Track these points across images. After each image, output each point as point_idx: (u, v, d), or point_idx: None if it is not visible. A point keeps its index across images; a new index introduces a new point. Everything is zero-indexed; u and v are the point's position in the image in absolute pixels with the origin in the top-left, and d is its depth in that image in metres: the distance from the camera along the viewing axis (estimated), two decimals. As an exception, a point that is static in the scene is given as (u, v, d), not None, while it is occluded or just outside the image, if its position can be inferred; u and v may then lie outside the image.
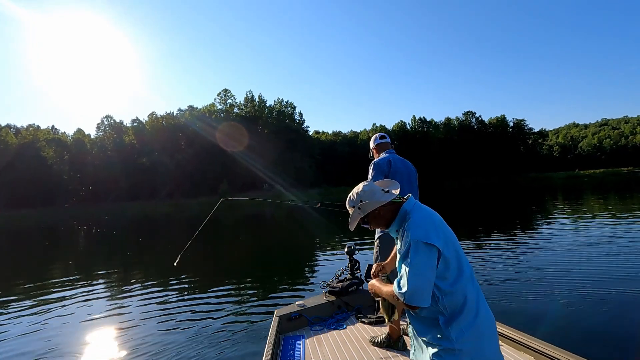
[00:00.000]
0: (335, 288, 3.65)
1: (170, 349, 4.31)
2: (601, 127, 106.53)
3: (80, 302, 6.73)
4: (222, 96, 75.33)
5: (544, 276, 6.35)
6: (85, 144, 71.88)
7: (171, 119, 73.62)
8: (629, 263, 6.80)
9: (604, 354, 3.59)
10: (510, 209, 20.46)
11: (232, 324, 5.04)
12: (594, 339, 3.96)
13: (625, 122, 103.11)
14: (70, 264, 11.70)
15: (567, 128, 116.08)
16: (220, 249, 13.30)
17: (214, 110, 73.60)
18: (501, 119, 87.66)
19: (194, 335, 4.68)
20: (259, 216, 30.33)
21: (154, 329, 5.06)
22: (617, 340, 3.90)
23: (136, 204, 58.62)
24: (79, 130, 75.95)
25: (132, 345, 4.54)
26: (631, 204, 18.32)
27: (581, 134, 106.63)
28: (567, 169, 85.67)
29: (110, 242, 17.97)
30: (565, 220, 13.72)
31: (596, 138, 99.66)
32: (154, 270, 9.73)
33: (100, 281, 8.66)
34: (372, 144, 3.32)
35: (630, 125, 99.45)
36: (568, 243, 9.13)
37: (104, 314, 5.96)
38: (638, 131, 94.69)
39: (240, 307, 5.78)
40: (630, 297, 5.10)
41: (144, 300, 6.54)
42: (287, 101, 76.56)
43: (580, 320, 4.42)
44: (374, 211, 1.54)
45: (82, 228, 26.55)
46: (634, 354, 3.63)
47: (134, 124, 74.12)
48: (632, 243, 8.49)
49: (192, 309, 5.85)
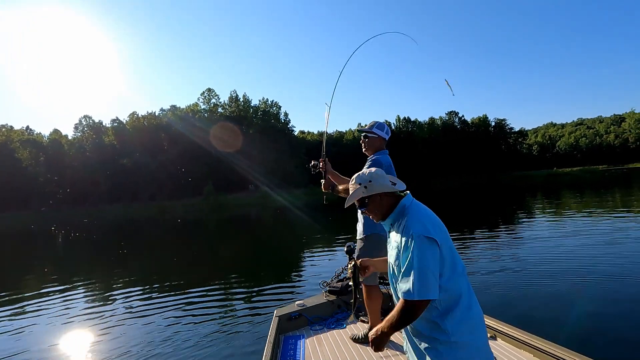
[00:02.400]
0: (335, 287, 3.65)
1: (171, 349, 4.31)
2: (577, 127, 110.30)
3: (61, 312, 6.39)
4: (205, 96, 74.15)
5: (538, 272, 6.45)
6: (63, 145, 69.47)
7: (153, 118, 71.96)
8: (619, 256, 7.02)
9: (602, 351, 3.60)
10: (498, 207, 20.83)
11: (232, 324, 5.04)
12: (588, 333, 4.01)
13: (600, 122, 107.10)
14: (46, 272, 11.13)
15: (545, 127, 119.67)
16: (216, 250, 13.21)
17: (198, 110, 72.32)
18: (483, 119, 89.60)
19: (194, 335, 4.69)
20: (246, 217, 29.94)
21: (154, 330, 5.02)
22: (610, 335, 3.97)
23: (117, 207, 57.06)
24: (55, 131, 73.35)
25: (132, 346, 4.50)
26: (610, 201, 18.93)
27: (558, 133, 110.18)
28: (546, 167, 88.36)
29: (90, 246, 17.29)
30: (557, 217, 14.03)
31: (573, 137, 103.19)
32: (144, 272, 9.53)
33: (85, 288, 8.32)
34: (382, 133, 2.94)
35: (604, 124, 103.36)
36: (562, 241, 9.34)
37: (97, 320, 5.74)
38: (611, 130, 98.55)
39: (240, 307, 5.81)
40: (622, 290, 5.23)
41: (141, 302, 6.44)
42: (272, 101, 76.09)
43: (571, 316, 4.50)
44: (376, 196, 1.56)
45: (59, 232, 25.52)
46: (626, 348, 3.68)
47: (114, 124, 72.08)
48: (619, 237, 8.85)
49: (192, 309, 5.85)
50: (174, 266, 10.15)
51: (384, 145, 2.97)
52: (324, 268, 8.08)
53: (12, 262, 13.52)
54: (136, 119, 72.15)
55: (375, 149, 2.94)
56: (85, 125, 72.25)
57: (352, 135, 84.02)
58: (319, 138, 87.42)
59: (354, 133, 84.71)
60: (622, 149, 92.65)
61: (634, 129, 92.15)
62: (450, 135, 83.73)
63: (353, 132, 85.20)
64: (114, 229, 26.70)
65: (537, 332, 2.51)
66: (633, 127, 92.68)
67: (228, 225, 24.67)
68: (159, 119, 72.12)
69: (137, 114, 73.11)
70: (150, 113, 73.30)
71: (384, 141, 2.96)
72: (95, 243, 18.60)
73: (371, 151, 2.95)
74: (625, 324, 4.19)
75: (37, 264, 12.53)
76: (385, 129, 2.97)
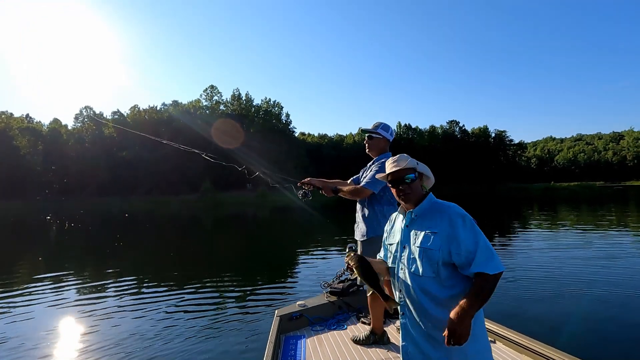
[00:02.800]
0: (336, 288, 3.65)
1: (170, 349, 4.25)
2: (576, 142, 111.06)
3: (53, 302, 6.31)
4: (208, 92, 74.12)
5: (535, 280, 6.54)
6: (62, 134, 69.17)
7: (154, 113, 71.86)
8: (616, 267, 7.28)
9: (598, 355, 3.70)
10: (496, 217, 20.82)
11: (233, 323, 5.03)
12: (584, 338, 4.14)
13: (599, 138, 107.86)
14: (40, 261, 11.02)
15: (545, 141, 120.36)
16: (217, 248, 13.14)
17: (200, 107, 72.30)
18: (484, 129, 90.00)
19: (195, 335, 4.66)
20: (244, 216, 29.83)
21: (153, 330, 4.93)
22: (606, 340, 4.09)
23: (114, 199, 56.79)
24: (55, 120, 73.12)
25: (131, 346, 4.40)
26: (607, 217, 18.99)
27: (557, 147, 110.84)
28: (544, 180, 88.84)
29: (86, 238, 17.15)
30: (554, 229, 14.05)
31: (571, 152, 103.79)
32: (140, 268, 9.42)
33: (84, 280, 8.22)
34: (386, 134, 2.88)
35: (603, 141, 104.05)
36: (559, 252, 9.43)
37: (95, 315, 5.64)
38: (610, 147, 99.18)
39: (241, 307, 5.78)
40: (621, 298, 5.42)
41: (138, 299, 6.34)
42: (275, 101, 76.14)
43: (570, 321, 4.61)
44: (418, 179, 1.67)
45: (54, 222, 25.33)
46: (621, 352, 3.79)
47: (115, 116, 71.90)
48: (616, 251, 9.04)
49: (192, 309, 5.80)
50: (175, 263, 10.02)
51: (388, 147, 2.91)
52: (325, 269, 8.06)
53: (3, 251, 13.36)
54: (137, 112, 72.00)
55: (379, 151, 2.88)
56: (86, 116, 72.05)
57: (353, 139, 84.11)
58: (319, 140, 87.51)
59: (354, 137, 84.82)
60: (620, 166, 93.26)
61: (632, 147, 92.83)
62: (450, 144, 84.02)
63: (354, 136, 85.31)
64: (111, 221, 26.53)
65: (536, 337, 2.52)
66: (631, 145, 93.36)
67: (227, 222, 24.57)
68: (161, 113, 72.01)
69: (138, 107, 73.02)
70: (151, 107, 73.23)
71: (388, 143, 2.90)
72: (90, 234, 18.46)
73: (375, 152, 2.89)
74: (619, 329, 4.33)
75: (29, 254, 12.39)
76: (390, 130, 2.91)
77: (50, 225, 23.58)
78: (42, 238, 17.39)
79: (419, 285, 1.52)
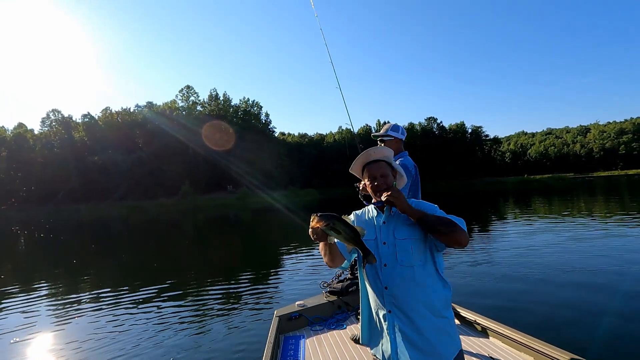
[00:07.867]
0: (336, 288, 3.61)
1: (170, 349, 4.24)
2: (546, 136, 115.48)
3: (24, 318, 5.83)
4: (184, 93, 72.33)
5: (528, 274, 6.56)
6: (28, 139, 65.74)
7: (127, 115, 69.46)
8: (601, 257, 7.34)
9: (593, 350, 3.69)
10: (475, 211, 21.24)
11: (232, 323, 5.02)
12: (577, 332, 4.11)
13: (567, 132, 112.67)
14: (8, 273, 10.30)
15: (517, 136, 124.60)
16: (206, 251, 12.90)
17: (175, 108, 70.36)
18: (461, 125, 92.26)
19: (194, 335, 4.65)
20: (226, 218, 29.21)
21: (153, 330, 4.92)
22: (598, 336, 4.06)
23: (87, 206, 54.52)
24: (20, 124, 69.23)
25: (131, 347, 4.40)
26: (577, 207, 19.76)
27: (529, 141, 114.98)
28: (518, 174, 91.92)
29: (58, 248, 16.17)
30: (532, 221, 14.42)
31: (542, 146, 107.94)
32: (130, 273, 9.22)
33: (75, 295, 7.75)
34: (397, 134, 2.88)
35: (571, 134, 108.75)
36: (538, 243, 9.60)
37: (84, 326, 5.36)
38: (578, 140, 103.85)
39: (240, 307, 5.75)
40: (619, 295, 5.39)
41: (133, 303, 6.24)
42: (254, 101, 75.30)
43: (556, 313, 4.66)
44: (392, 175, 1.68)
45: (22, 233, 23.88)
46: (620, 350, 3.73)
47: (85, 119, 69.01)
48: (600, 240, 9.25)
49: (192, 309, 5.80)
50: (172, 266, 9.86)
51: (402, 146, 2.96)
52: (324, 268, 7.94)
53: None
54: (109, 115, 69.41)
55: (395, 152, 2.82)
56: (54, 119, 68.76)
57: (333, 138, 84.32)
58: (299, 140, 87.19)
59: (334, 136, 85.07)
60: (588, 158, 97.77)
61: (598, 139, 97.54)
62: (428, 140, 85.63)
63: (334, 135, 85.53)
64: (84, 229, 25.29)
65: (524, 329, 2.60)
66: (597, 138, 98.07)
67: (211, 225, 23.98)
68: (134, 115, 69.66)
69: (110, 109, 70.40)
70: (124, 109, 70.73)
71: (401, 142, 2.96)
72: (61, 244, 17.46)
73: None
74: (615, 323, 4.34)
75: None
76: (400, 129, 2.95)
77: (18, 236, 22.19)
78: (10, 250, 16.25)
79: (409, 276, 1.52)
